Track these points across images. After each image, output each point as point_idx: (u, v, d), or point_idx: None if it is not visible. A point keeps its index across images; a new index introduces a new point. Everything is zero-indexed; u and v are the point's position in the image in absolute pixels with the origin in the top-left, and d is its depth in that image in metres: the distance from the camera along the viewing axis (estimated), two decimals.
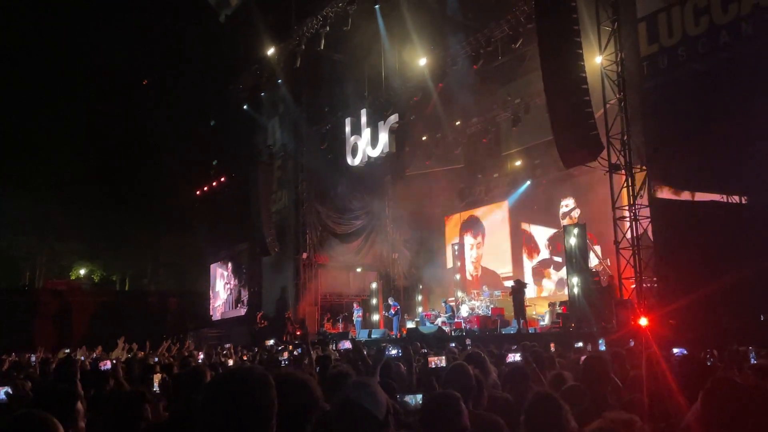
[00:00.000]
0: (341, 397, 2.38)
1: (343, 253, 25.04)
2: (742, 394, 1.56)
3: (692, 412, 1.63)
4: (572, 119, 13.79)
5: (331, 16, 19.46)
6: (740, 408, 1.54)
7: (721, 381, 1.62)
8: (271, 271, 25.79)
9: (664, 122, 13.19)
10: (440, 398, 2.96)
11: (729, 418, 1.54)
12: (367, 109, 21.69)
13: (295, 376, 2.41)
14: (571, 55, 13.72)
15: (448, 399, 2.90)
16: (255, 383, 1.92)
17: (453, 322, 19.19)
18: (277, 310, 24.57)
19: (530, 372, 5.14)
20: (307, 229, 24.25)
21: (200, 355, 10.78)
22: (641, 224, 13.51)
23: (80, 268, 38.46)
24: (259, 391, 1.91)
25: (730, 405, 1.55)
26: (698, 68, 12.45)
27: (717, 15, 12.13)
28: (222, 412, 1.88)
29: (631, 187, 13.64)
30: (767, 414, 1.54)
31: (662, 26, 13.09)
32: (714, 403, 1.58)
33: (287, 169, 25.42)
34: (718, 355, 6.12)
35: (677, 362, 4.15)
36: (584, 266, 15.29)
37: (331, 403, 2.50)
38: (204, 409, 1.93)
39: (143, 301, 33.25)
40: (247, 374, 1.96)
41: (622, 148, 13.81)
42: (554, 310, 17.37)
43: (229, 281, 31.54)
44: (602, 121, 13.97)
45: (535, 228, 22.00)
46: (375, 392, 2.35)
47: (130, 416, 3.51)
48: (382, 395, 2.37)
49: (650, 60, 13.34)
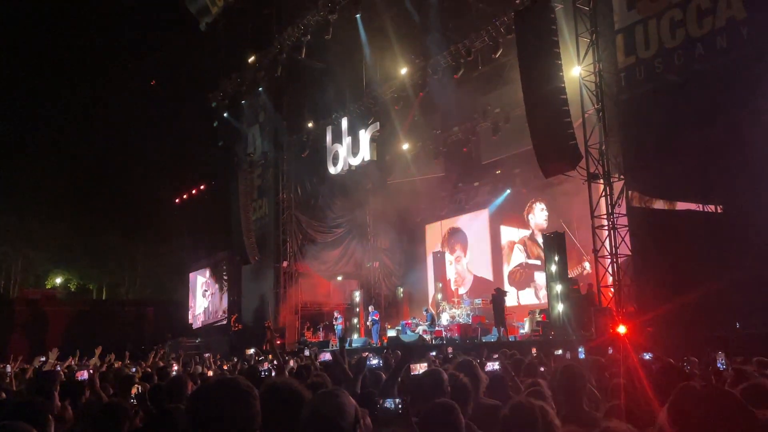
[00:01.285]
0: (307, 407, 2.39)
1: (323, 262, 24.97)
2: (704, 401, 1.58)
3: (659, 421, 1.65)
4: (551, 129, 13.94)
5: (312, 25, 19.47)
6: (704, 415, 1.55)
7: (685, 389, 1.64)
8: (251, 279, 25.63)
9: (641, 132, 13.37)
10: (439, 407, 2.97)
11: (694, 426, 1.55)
12: (348, 117, 21.72)
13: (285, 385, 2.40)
14: (550, 66, 13.89)
15: (446, 408, 2.92)
16: (240, 394, 1.91)
17: (433, 330, 19.20)
18: (257, 318, 24.41)
19: (509, 380, 5.15)
20: (288, 237, 24.17)
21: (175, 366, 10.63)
22: (619, 233, 13.66)
23: (56, 276, 37.89)
24: (245, 402, 1.90)
25: (694, 413, 1.57)
26: (674, 80, 12.66)
27: (692, 28, 12.36)
28: (207, 422, 1.87)
29: (609, 196, 13.79)
30: (731, 420, 1.55)
31: (639, 38, 13.30)
32: (679, 413, 1.59)
33: (268, 177, 25.33)
34: (696, 363, 6.20)
35: (655, 370, 4.19)
36: (563, 274, 15.40)
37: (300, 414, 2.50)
38: (189, 419, 1.93)
39: (120, 311, 32.81)
40: (233, 385, 1.95)
41: (600, 158, 13.97)
42: (534, 318, 17.46)
43: (208, 290, 31.28)
44: (581, 131, 14.13)
45: (512, 231, 22.16)
46: (342, 402, 2.35)
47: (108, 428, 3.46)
48: (350, 405, 2.37)
49: (627, 71, 13.54)
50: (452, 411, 2.92)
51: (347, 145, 21.40)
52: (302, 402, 2.33)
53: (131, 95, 30.02)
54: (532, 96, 14.51)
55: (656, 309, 11.64)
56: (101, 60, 29.94)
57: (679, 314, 11.16)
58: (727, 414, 1.54)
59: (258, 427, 1.92)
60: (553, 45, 14.00)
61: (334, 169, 21.98)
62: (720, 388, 1.59)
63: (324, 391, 2.61)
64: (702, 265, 11.49)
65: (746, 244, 11.17)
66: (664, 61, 12.84)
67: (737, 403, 1.56)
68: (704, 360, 5.79)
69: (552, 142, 14.04)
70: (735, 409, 1.55)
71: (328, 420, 2.25)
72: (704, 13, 12.17)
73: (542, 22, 14.24)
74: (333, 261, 25.30)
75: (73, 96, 31.02)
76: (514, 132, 19.33)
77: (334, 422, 2.25)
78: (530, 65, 14.58)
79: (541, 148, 14.34)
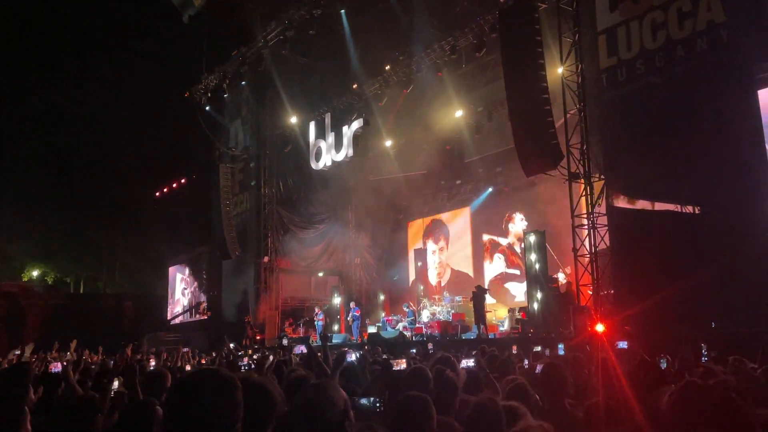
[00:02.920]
0: (299, 399, 2.39)
1: (305, 258, 24.92)
2: (710, 396, 1.62)
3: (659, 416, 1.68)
4: (533, 129, 14.05)
5: (296, 20, 19.38)
6: (711, 410, 1.59)
7: (689, 386, 1.67)
8: (232, 274, 25.50)
9: (622, 133, 13.50)
10: (411, 400, 2.98)
11: (702, 420, 1.59)
12: (331, 113, 21.67)
13: (254, 380, 2.40)
14: (533, 66, 13.99)
15: (418, 401, 2.93)
16: (222, 385, 1.90)
17: (414, 327, 19.27)
18: (237, 314, 24.29)
19: (483, 377, 5.18)
20: (269, 232, 24.06)
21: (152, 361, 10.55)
22: (599, 232, 13.80)
23: (33, 269, 37.38)
24: (226, 392, 1.89)
25: (702, 407, 1.60)
26: (655, 81, 12.79)
27: (674, 30, 12.49)
28: (188, 414, 1.86)
29: (590, 195, 13.93)
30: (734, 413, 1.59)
31: (621, 40, 13.42)
32: (685, 407, 1.62)
33: (249, 171, 25.20)
34: (671, 360, 6.29)
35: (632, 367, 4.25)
36: (543, 273, 15.53)
37: (290, 406, 2.51)
38: (169, 411, 1.91)
39: (98, 304, 32.45)
40: (214, 376, 1.94)
41: (581, 158, 14.09)
42: (514, 315, 17.60)
43: (188, 285, 31.06)
44: (562, 131, 14.24)
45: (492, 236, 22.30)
46: (332, 394, 2.37)
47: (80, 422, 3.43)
48: (339, 397, 2.39)
49: (609, 72, 13.66)
50: (425, 404, 2.92)
51: (330, 141, 21.36)
52: (272, 401, 2.32)
53: (111, 88, 29.70)
54: (514, 95, 14.60)
55: (633, 307, 11.78)
56: (82, 53, 29.56)
57: (656, 313, 11.31)
58: (728, 412, 1.58)
59: (240, 418, 1.91)
60: (536, 45, 14.10)
61: (317, 164, 21.93)
62: (722, 388, 1.64)
63: (314, 383, 2.64)
64: (679, 264, 11.64)
65: (722, 245, 11.34)
66: (645, 62, 12.97)
67: (737, 404, 1.61)
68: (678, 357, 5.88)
69: (534, 141, 14.14)
70: (735, 409, 1.59)
71: (318, 410, 2.28)
72: (685, 16, 12.32)
73: (526, 21, 14.33)
74: (314, 257, 25.25)
75: (52, 88, 30.60)
76: (496, 131, 19.44)
77: (324, 413, 2.29)
78: (513, 64, 14.66)
79: (523, 147, 14.43)
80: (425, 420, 2.84)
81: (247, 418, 2.15)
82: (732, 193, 11.57)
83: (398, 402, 3.01)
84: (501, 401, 3.26)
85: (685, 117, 12.14)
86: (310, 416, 2.33)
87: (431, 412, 2.88)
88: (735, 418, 1.58)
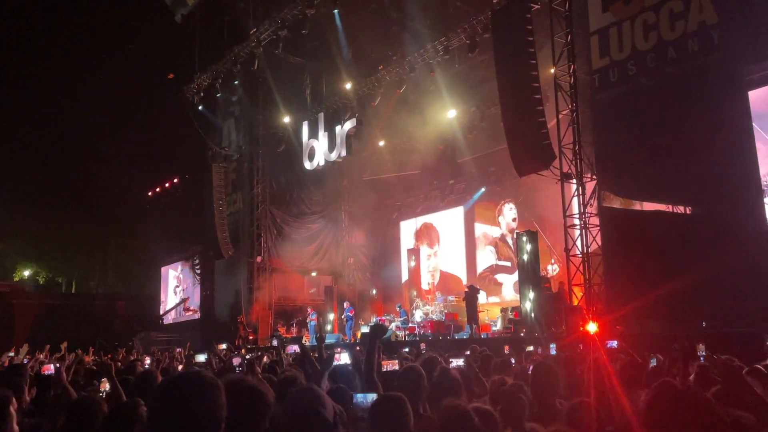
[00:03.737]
0: (289, 402, 2.41)
1: (298, 257, 24.90)
2: (683, 398, 1.64)
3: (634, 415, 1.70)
4: (526, 129, 14.09)
5: (289, 19, 19.36)
6: (682, 411, 1.61)
7: (664, 386, 1.70)
8: (225, 274, 25.46)
9: (613, 133, 13.57)
10: (387, 400, 3.00)
11: (671, 421, 1.61)
12: (324, 112, 21.65)
13: (246, 383, 2.42)
14: (525, 67, 14.03)
15: (394, 401, 2.94)
16: (204, 387, 1.92)
17: (407, 326, 19.29)
18: (230, 313, 24.25)
19: (473, 377, 5.21)
20: (262, 232, 24.04)
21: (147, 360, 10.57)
22: (591, 232, 13.85)
23: (24, 269, 37.17)
24: (209, 395, 1.91)
25: (673, 409, 1.62)
26: (646, 82, 12.86)
27: (665, 31, 12.56)
28: (171, 416, 1.87)
29: (582, 195, 13.98)
30: (705, 417, 1.62)
31: (613, 40, 13.48)
32: (657, 407, 1.65)
33: (242, 171, 25.16)
34: (662, 359, 6.33)
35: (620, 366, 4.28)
36: (536, 273, 15.58)
37: (280, 408, 2.52)
38: (153, 412, 1.93)
39: (90, 304, 32.31)
40: (196, 378, 1.95)
41: (573, 158, 14.14)
42: (506, 315, 17.64)
43: (181, 284, 30.99)
44: (555, 131, 14.29)
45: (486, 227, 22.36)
46: (320, 396, 2.40)
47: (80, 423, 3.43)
48: (328, 399, 2.42)
49: (601, 73, 13.72)
50: (400, 403, 2.94)
51: (323, 141, 21.35)
52: (264, 403, 2.34)
53: (104, 87, 29.55)
54: (507, 96, 14.64)
55: (625, 307, 11.85)
56: (74, 52, 29.41)
57: (648, 313, 11.38)
58: (699, 414, 1.60)
59: (223, 420, 1.92)
60: (529, 45, 14.14)
61: (310, 164, 21.91)
62: (696, 390, 1.67)
63: (303, 386, 2.67)
64: (670, 265, 11.70)
65: (713, 245, 11.42)
66: (636, 63, 13.04)
67: (709, 405, 1.63)
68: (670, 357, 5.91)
69: (526, 141, 14.19)
70: (707, 410, 1.61)
71: (310, 409, 2.30)
72: (676, 17, 12.39)
73: (518, 22, 14.37)
74: (307, 256, 25.25)
75: (44, 88, 30.40)
76: (489, 131, 19.49)
77: (317, 416, 2.35)
78: (506, 65, 14.70)
79: (516, 147, 14.49)
80: (401, 419, 2.85)
81: (240, 420, 2.17)
82: (723, 193, 11.65)
83: (374, 403, 3.03)
84: (475, 405, 3.26)
85: (676, 118, 12.22)
86: (303, 419, 2.36)
87: (407, 411, 2.89)
88: (708, 419, 1.61)
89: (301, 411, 2.44)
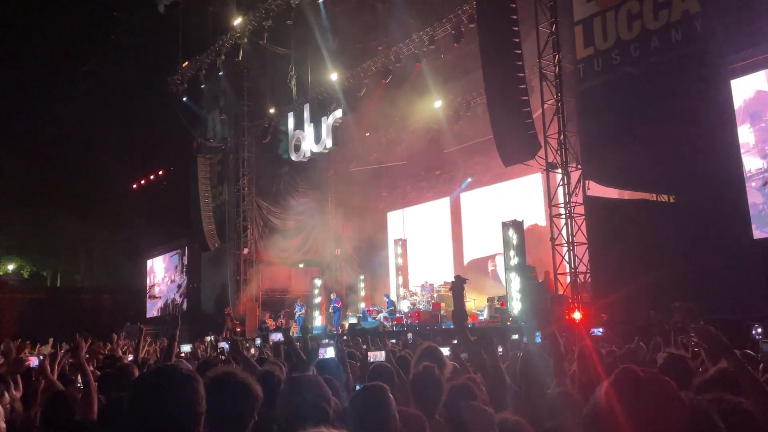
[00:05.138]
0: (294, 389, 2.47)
1: (285, 249, 24.87)
2: (641, 385, 1.64)
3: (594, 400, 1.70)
4: (511, 119, 14.11)
5: (273, 10, 19.23)
6: (638, 397, 1.62)
7: (626, 371, 1.70)
8: (211, 266, 25.39)
9: (598, 123, 13.64)
10: (367, 390, 3.00)
11: (629, 406, 1.61)
12: (310, 104, 21.57)
13: (236, 375, 2.42)
14: (511, 57, 14.03)
15: (374, 390, 2.95)
16: (180, 381, 1.93)
17: (394, 317, 19.33)
18: (216, 306, 24.20)
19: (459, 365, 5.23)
20: (249, 224, 23.98)
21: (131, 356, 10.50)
22: (576, 221, 13.94)
23: (8, 263, 36.78)
24: (185, 388, 1.92)
25: (630, 394, 1.63)
26: (631, 71, 12.93)
27: (649, 21, 12.62)
28: (148, 410, 1.89)
29: (567, 185, 14.05)
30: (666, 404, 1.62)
31: (597, 30, 13.52)
32: (616, 392, 1.65)
33: (228, 163, 25.05)
34: (644, 347, 6.41)
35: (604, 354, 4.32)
36: (521, 262, 15.66)
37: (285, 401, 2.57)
38: (131, 407, 1.94)
39: (76, 298, 32.09)
40: (172, 371, 1.96)
41: (558, 148, 14.20)
42: (493, 304, 17.73)
43: (166, 277, 30.85)
44: (540, 121, 14.34)
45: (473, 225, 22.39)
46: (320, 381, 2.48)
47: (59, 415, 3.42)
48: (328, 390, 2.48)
49: (586, 62, 13.77)
50: (381, 393, 2.94)
51: (309, 132, 21.28)
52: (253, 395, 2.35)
53: (87, 79, 29.18)
54: (492, 86, 14.64)
55: (610, 296, 11.95)
56: (55, 42, 28.99)
57: (632, 301, 11.48)
58: (660, 399, 1.61)
59: (202, 412, 1.93)
60: (514, 35, 14.14)
61: (296, 155, 21.84)
62: (658, 375, 1.66)
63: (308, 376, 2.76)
64: (654, 254, 11.83)
65: (697, 233, 11.54)
66: (621, 53, 13.10)
67: (671, 391, 1.63)
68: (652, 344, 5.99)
69: (512, 131, 14.21)
70: (668, 395, 1.62)
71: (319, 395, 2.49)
72: (660, 6, 12.45)
73: (503, 12, 14.34)
74: (294, 248, 25.22)
75: (26, 80, 29.98)
76: (475, 121, 19.50)
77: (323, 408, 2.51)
78: (491, 55, 14.69)
79: (501, 137, 14.51)
80: (383, 409, 2.85)
81: (228, 413, 2.19)
82: (706, 181, 11.77)
83: (355, 394, 3.04)
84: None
85: (660, 107, 12.29)
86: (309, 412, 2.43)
87: (388, 400, 2.89)
88: (666, 402, 1.61)
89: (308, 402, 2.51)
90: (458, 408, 3.10)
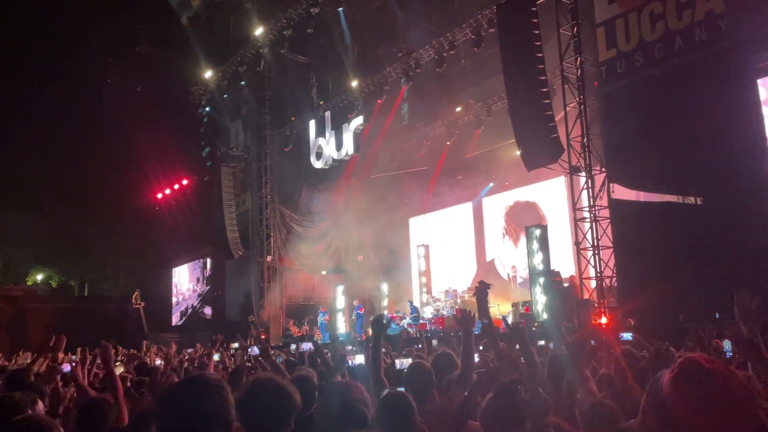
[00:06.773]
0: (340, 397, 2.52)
1: (308, 256, 24.93)
2: (710, 377, 1.56)
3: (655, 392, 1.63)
4: (533, 123, 14.03)
5: (294, 19, 19.38)
6: (709, 390, 1.54)
7: (689, 362, 1.61)
8: (235, 274, 25.53)
9: (622, 125, 13.50)
10: (391, 398, 3.02)
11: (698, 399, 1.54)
12: (331, 111, 21.66)
13: (275, 381, 2.45)
14: (532, 61, 13.96)
15: (398, 398, 2.97)
16: (209, 391, 1.97)
17: (418, 323, 19.27)
18: (241, 313, 24.32)
19: None
20: (272, 231, 24.09)
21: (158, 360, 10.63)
22: (601, 225, 13.78)
23: (37, 273, 37.41)
24: (214, 397, 1.96)
25: (699, 387, 1.55)
26: (654, 73, 12.79)
27: (672, 21, 12.48)
28: (178, 419, 1.93)
29: (591, 188, 13.91)
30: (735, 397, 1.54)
31: (620, 32, 13.41)
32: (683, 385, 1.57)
33: (251, 171, 25.22)
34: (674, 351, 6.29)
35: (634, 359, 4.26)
36: (546, 266, 15.51)
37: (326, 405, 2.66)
38: (161, 416, 1.98)
39: (103, 307, 32.48)
40: (202, 381, 2.01)
41: (582, 151, 14.08)
42: (518, 310, 17.58)
43: (191, 285, 31.12)
44: (563, 124, 14.23)
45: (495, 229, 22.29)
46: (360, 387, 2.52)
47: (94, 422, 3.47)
48: (367, 395, 2.51)
49: (608, 64, 13.65)
50: (405, 401, 2.95)
51: (330, 139, 21.36)
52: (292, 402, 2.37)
53: (112, 91, 29.65)
54: (514, 90, 14.58)
55: (637, 300, 11.79)
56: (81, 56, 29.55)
57: (660, 305, 11.30)
58: (732, 393, 1.53)
59: (231, 420, 1.98)
60: (535, 38, 14.07)
61: (318, 163, 21.94)
62: (726, 367, 1.58)
63: (345, 382, 2.81)
64: (682, 257, 11.65)
65: (724, 235, 11.34)
66: (644, 54, 12.97)
67: (741, 384, 1.55)
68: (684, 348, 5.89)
69: (534, 135, 14.12)
70: (739, 389, 1.53)
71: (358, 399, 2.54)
72: (684, 6, 12.31)
73: (524, 15, 14.29)
74: (317, 255, 25.27)
75: (53, 91, 30.58)
76: (496, 125, 19.41)
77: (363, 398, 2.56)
78: (512, 59, 14.64)
79: (524, 141, 14.43)
80: (405, 414, 2.89)
81: (267, 418, 2.27)
82: (733, 183, 11.57)
83: (380, 400, 3.06)
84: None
85: (684, 108, 12.13)
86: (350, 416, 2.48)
87: (410, 406, 2.93)
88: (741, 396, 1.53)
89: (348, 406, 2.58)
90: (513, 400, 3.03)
